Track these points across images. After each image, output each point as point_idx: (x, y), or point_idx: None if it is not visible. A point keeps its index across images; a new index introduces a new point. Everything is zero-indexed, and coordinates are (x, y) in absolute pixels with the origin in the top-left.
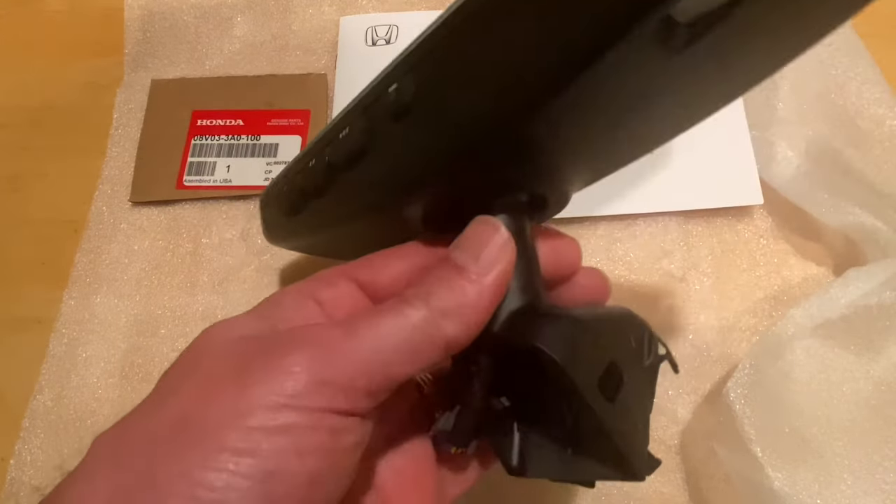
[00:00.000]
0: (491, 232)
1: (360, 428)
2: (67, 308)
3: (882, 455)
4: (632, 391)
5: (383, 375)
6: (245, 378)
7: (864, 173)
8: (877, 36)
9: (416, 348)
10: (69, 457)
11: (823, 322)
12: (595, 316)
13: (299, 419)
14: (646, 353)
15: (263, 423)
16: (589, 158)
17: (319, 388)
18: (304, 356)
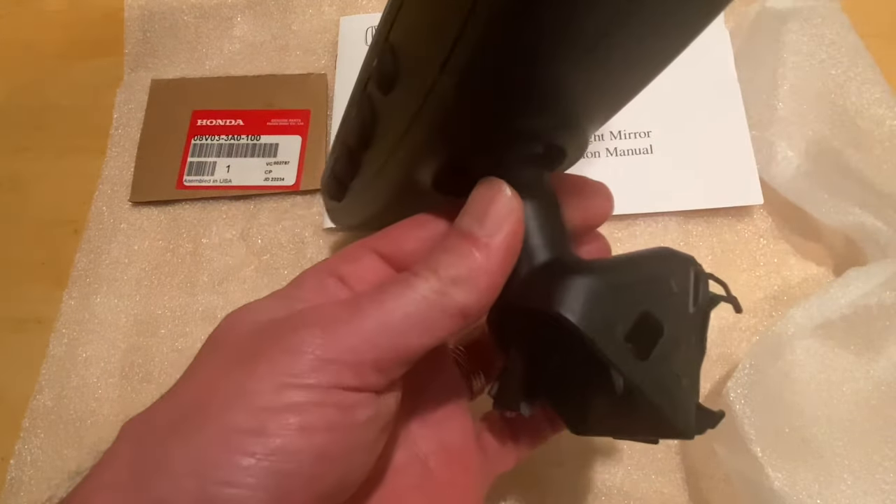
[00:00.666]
0: (494, 192)
1: (374, 403)
2: (67, 308)
3: (882, 455)
4: (674, 342)
5: (393, 349)
6: (254, 360)
7: (864, 173)
8: (877, 36)
9: (428, 319)
10: (69, 457)
11: (823, 322)
12: (625, 263)
13: (305, 397)
14: (691, 297)
15: (269, 403)
16: (598, 94)
17: (325, 365)
18: (310, 335)
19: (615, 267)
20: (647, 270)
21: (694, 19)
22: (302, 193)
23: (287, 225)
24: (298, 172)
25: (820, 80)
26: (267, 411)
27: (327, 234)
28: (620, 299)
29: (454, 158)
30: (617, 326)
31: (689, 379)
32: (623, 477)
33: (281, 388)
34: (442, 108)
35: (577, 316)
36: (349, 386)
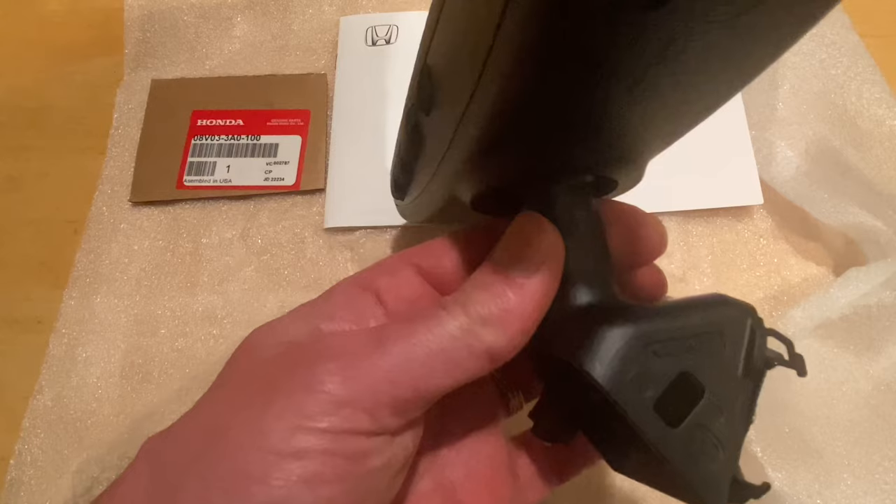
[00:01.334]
0: (534, 229)
1: (389, 447)
2: (67, 308)
3: (882, 455)
4: (715, 408)
5: (413, 390)
6: (271, 394)
7: (864, 173)
8: (877, 36)
9: (453, 359)
10: (69, 457)
11: (823, 322)
12: (671, 312)
13: (315, 443)
14: (743, 358)
15: (279, 447)
16: (651, 125)
17: (339, 407)
18: (328, 371)
19: (658, 316)
20: (694, 322)
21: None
22: (302, 193)
23: (287, 225)
24: (298, 172)
25: (820, 80)
26: (275, 455)
27: (327, 234)
28: (656, 357)
29: (496, 183)
30: (648, 388)
31: (728, 450)
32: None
33: (293, 431)
34: (475, 134)
35: (603, 374)
36: (364, 430)
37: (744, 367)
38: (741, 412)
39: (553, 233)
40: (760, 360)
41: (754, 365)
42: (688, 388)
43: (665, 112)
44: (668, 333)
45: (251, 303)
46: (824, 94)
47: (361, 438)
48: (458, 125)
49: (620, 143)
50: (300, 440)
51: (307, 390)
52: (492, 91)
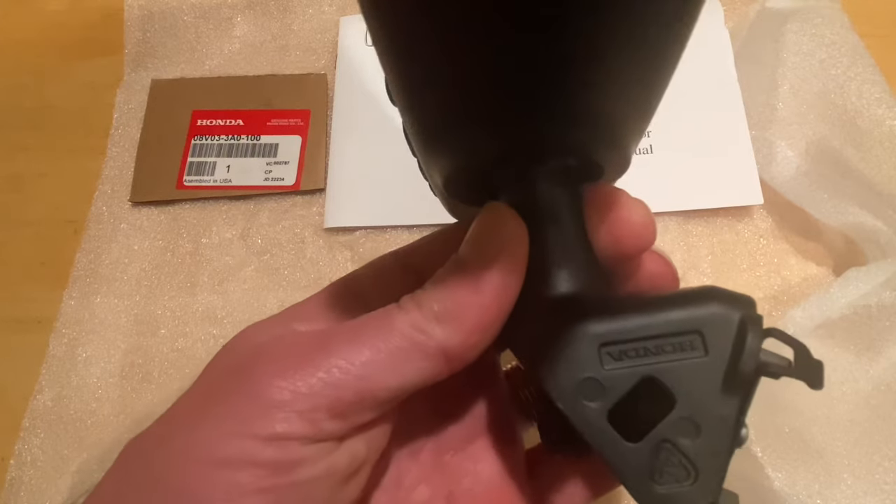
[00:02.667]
0: (496, 219)
1: (331, 455)
2: (67, 308)
3: (882, 455)
4: (688, 422)
5: (356, 392)
6: (215, 399)
7: (864, 173)
8: (877, 36)
9: (402, 358)
10: (69, 457)
11: (823, 322)
12: (646, 307)
13: (239, 452)
14: (726, 364)
15: (207, 456)
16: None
17: (273, 411)
18: (266, 373)
19: (625, 312)
20: (667, 319)
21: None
22: (302, 193)
23: (287, 225)
24: (298, 172)
25: (820, 80)
26: (201, 466)
27: (327, 233)
28: (613, 360)
29: (463, 165)
30: (600, 395)
31: (703, 476)
32: None
33: (224, 438)
34: (414, 117)
35: (550, 377)
36: (299, 435)
37: (727, 374)
38: (723, 430)
39: (514, 222)
40: (750, 367)
41: (741, 372)
42: (656, 398)
43: (609, 79)
44: (630, 333)
45: (251, 303)
46: (824, 94)
47: (294, 445)
48: (402, 111)
49: (579, 119)
50: (228, 447)
51: (244, 394)
52: (389, 63)
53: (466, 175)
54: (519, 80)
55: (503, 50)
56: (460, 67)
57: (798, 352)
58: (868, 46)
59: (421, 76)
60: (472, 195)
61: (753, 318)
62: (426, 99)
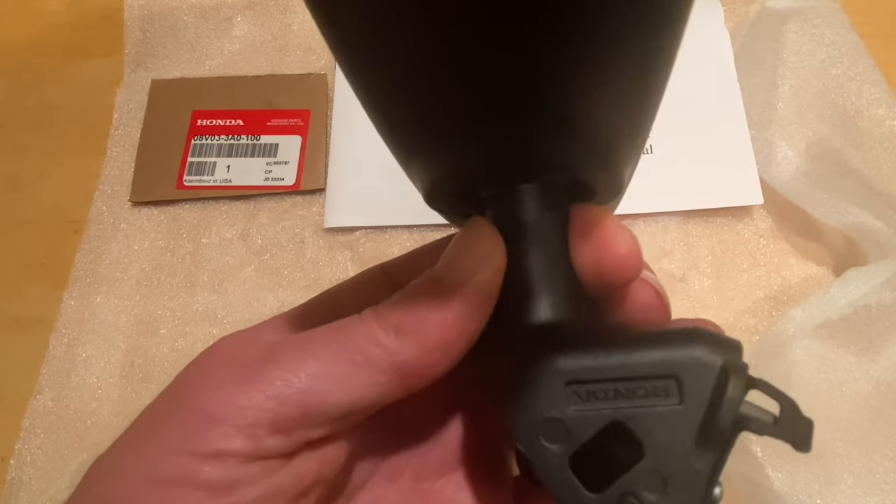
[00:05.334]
0: (474, 236)
1: (275, 474)
2: (67, 308)
3: (882, 455)
4: (655, 475)
5: (299, 407)
6: (157, 416)
7: (864, 173)
8: (877, 36)
9: (352, 372)
10: (69, 457)
11: (823, 322)
12: (620, 346)
13: (179, 470)
14: (702, 416)
15: (147, 476)
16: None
17: (211, 426)
18: (208, 386)
19: (600, 349)
20: (642, 360)
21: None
22: (302, 193)
23: (287, 225)
24: (298, 172)
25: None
26: (144, 486)
27: (327, 234)
28: (581, 401)
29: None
30: (562, 438)
31: None
32: None
33: (164, 456)
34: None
35: (512, 413)
36: (238, 452)
37: (702, 427)
38: (694, 488)
39: (492, 240)
40: (727, 421)
41: (718, 426)
42: (625, 446)
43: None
44: (600, 372)
45: (251, 303)
46: (824, 94)
47: (234, 462)
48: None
49: (561, 133)
50: (169, 466)
51: (186, 408)
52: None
53: (447, 188)
54: (491, 89)
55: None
56: (424, 70)
57: (785, 407)
58: (868, 46)
59: (385, 84)
60: (457, 209)
61: (737, 365)
62: (392, 109)
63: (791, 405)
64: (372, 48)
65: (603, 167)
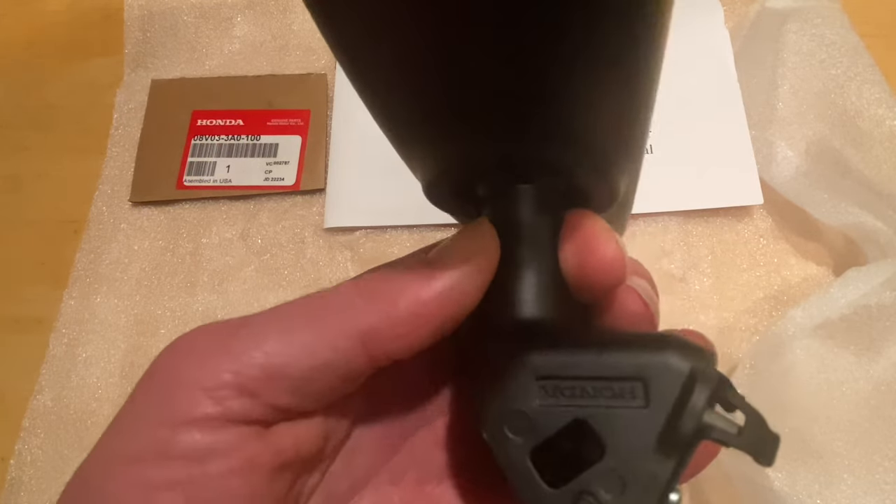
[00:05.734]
0: (472, 231)
1: (245, 444)
2: (67, 308)
3: (882, 455)
4: (613, 476)
5: (262, 368)
6: (131, 400)
7: (864, 173)
8: (877, 36)
9: (318, 336)
10: (69, 457)
11: (823, 322)
12: (592, 346)
13: (151, 443)
14: (664, 421)
15: (121, 455)
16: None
17: (176, 393)
18: (175, 361)
19: (572, 348)
20: (613, 361)
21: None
22: (302, 193)
23: (287, 225)
24: (298, 172)
25: (820, 80)
26: (117, 465)
27: (327, 234)
28: (547, 396)
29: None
30: (527, 431)
31: None
32: None
33: (137, 433)
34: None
35: (482, 403)
36: (205, 415)
37: (664, 431)
38: (651, 491)
39: (488, 236)
40: (689, 428)
41: (679, 432)
42: (588, 444)
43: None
44: (569, 370)
45: (251, 303)
46: (824, 94)
47: (205, 430)
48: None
49: (549, 137)
50: (140, 441)
51: (155, 385)
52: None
53: (444, 184)
54: (482, 89)
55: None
56: (421, 70)
57: (751, 419)
58: (868, 46)
59: (383, 84)
60: (455, 205)
61: (706, 373)
62: (390, 106)
63: (757, 419)
64: (370, 49)
65: (595, 173)
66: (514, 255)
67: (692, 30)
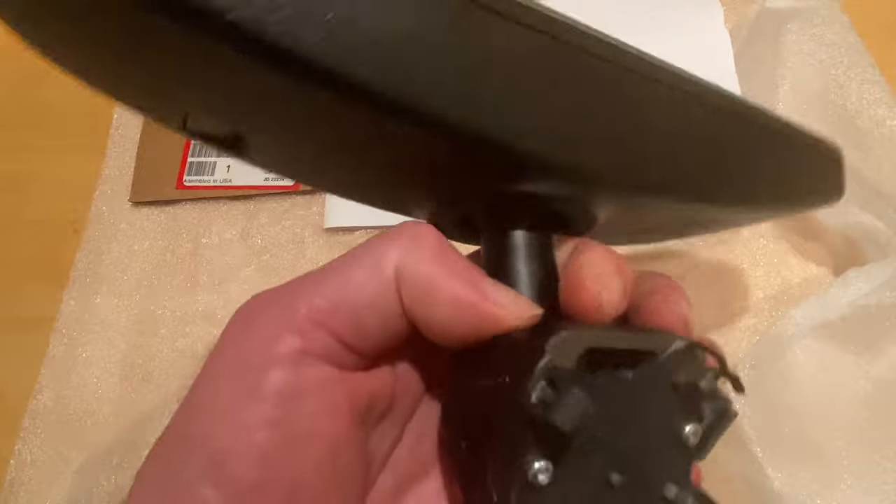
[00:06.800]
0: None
1: (324, 389)
2: (67, 308)
3: (882, 455)
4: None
5: (329, 301)
6: (214, 354)
7: (864, 173)
8: (877, 36)
9: (360, 272)
10: (69, 457)
11: (823, 322)
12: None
13: (242, 386)
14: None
15: (214, 401)
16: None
17: (260, 334)
18: (256, 309)
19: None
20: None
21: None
22: (302, 193)
23: (287, 225)
24: None
25: (820, 80)
26: (211, 411)
27: (327, 234)
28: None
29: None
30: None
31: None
32: None
33: (227, 379)
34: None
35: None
36: (290, 352)
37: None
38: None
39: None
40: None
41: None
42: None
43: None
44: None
45: None
46: (824, 94)
47: (280, 370)
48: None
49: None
50: (233, 385)
51: (238, 335)
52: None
53: (441, 223)
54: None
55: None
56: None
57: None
58: (868, 46)
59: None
60: (457, 233)
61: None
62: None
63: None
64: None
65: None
66: (509, 275)
67: (692, 30)
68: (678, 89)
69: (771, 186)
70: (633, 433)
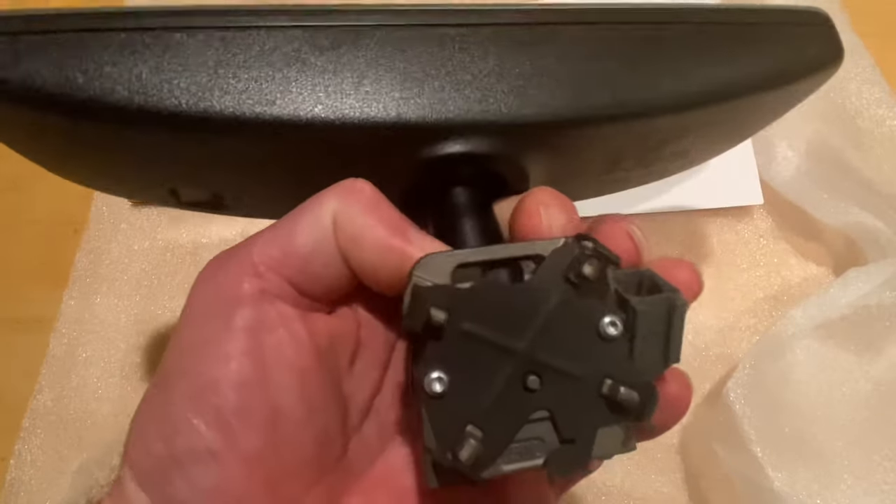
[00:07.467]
0: None
1: (285, 324)
2: (67, 308)
3: (882, 455)
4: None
5: (279, 247)
6: (190, 302)
7: (864, 173)
8: (877, 36)
9: (300, 220)
10: (69, 457)
11: (823, 322)
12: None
13: (215, 324)
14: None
15: (197, 337)
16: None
17: (230, 279)
18: (217, 264)
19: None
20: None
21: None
22: None
23: None
24: None
25: None
26: (192, 345)
27: None
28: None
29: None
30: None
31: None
32: (623, 476)
33: (210, 315)
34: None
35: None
36: (253, 291)
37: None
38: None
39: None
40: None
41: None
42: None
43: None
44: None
45: None
46: (824, 94)
47: (245, 307)
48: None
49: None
50: (208, 324)
51: (210, 279)
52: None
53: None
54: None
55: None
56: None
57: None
58: (868, 46)
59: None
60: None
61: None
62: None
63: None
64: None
65: (527, 167)
66: (459, 227)
67: None
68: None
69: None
70: (542, 336)
